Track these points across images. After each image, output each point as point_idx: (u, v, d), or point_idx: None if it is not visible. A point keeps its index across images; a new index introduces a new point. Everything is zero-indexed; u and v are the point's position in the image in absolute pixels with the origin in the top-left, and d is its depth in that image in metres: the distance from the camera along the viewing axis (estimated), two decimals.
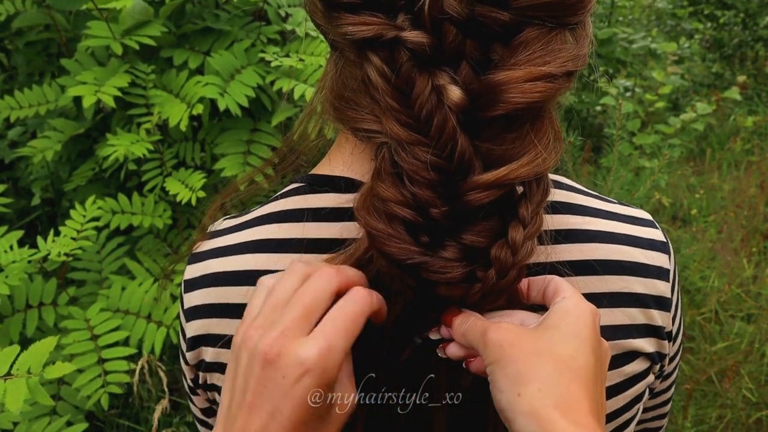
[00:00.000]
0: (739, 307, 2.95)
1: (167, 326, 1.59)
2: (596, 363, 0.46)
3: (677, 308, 0.63)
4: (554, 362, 0.44)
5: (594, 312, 0.48)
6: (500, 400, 0.45)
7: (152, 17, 1.73)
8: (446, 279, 0.47)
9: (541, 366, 0.44)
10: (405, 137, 0.46)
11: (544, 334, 0.46)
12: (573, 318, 0.47)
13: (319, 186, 0.59)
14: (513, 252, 0.47)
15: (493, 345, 0.46)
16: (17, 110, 1.86)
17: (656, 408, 0.72)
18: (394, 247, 0.47)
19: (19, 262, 1.46)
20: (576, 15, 0.47)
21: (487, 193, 0.46)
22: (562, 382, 0.43)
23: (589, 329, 0.47)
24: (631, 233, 0.60)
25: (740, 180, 4.24)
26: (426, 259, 0.47)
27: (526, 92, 0.45)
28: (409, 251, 0.46)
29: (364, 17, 0.46)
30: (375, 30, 0.45)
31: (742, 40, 6.32)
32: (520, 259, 0.47)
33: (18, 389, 0.95)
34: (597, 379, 0.46)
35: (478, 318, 0.49)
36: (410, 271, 0.47)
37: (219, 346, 0.59)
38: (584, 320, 0.47)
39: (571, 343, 0.45)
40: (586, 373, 0.44)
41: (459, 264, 0.47)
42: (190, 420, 2.06)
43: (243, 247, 0.59)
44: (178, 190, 1.68)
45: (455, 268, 0.47)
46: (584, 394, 0.43)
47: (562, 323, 0.47)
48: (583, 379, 0.44)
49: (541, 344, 0.45)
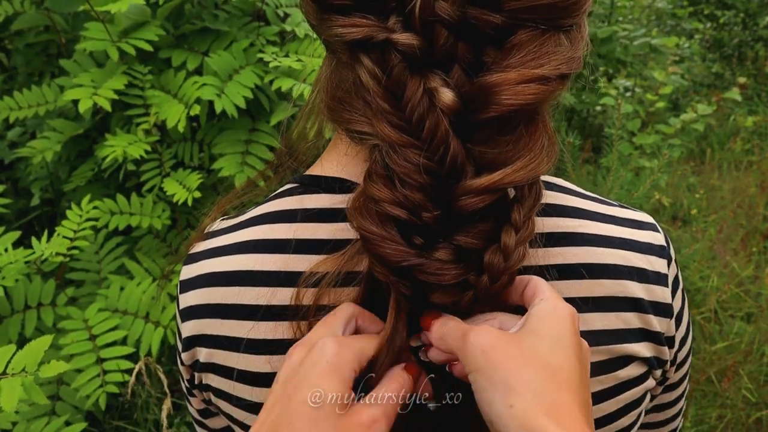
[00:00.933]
0: (739, 306, 2.94)
1: (164, 326, 1.59)
2: (580, 366, 0.45)
3: (681, 314, 0.62)
4: (541, 369, 0.43)
5: (572, 314, 0.47)
6: (489, 413, 0.43)
7: (149, 18, 1.73)
8: (442, 281, 0.46)
9: (528, 374, 0.43)
10: (396, 139, 0.46)
11: (525, 339, 0.45)
12: (553, 321, 0.46)
13: (312, 186, 0.58)
14: (505, 257, 0.47)
15: (474, 350, 0.45)
16: (17, 111, 1.86)
17: (665, 425, 0.71)
18: (388, 249, 0.46)
19: (15, 263, 1.46)
20: (570, 17, 0.47)
21: (480, 198, 0.46)
22: (551, 390, 0.42)
23: (569, 332, 0.46)
24: (628, 237, 0.59)
25: (740, 180, 4.24)
26: (422, 261, 0.46)
27: (518, 94, 0.45)
28: (404, 253, 0.46)
29: (355, 19, 0.46)
30: (365, 32, 0.45)
31: (742, 40, 6.32)
32: (512, 264, 0.47)
33: (13, 388, 0.95)
34: (582, 382, 0.45)
35: (457, 322, 0.48)
36: (405, 275, 0.47)
37: (213, 347, 0.59)
38: (564, 323, 0.46)
39: (554, 348, 0.44)
40: (572, 377, 0.44)
41: (454, 266, 0.47)
42: (190, 420, 2.06)
43: (237, 248, 0.59)
44: (176, 190, 1.68)
45: (451, 269, 0.46)
46: (573, 399, 0.43)
47: (543, 327, 0.46)
48: (570, 385, 0.43)
49: (525, 350, 0.44)
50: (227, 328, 0.57)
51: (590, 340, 0.55)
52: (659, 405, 0.68)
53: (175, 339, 1.59)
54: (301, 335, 0.54)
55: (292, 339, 0.55)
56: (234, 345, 0.57)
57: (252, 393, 0.57)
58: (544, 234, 0.56)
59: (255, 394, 0.57)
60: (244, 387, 0.57)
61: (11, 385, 0.95)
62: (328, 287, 0.53)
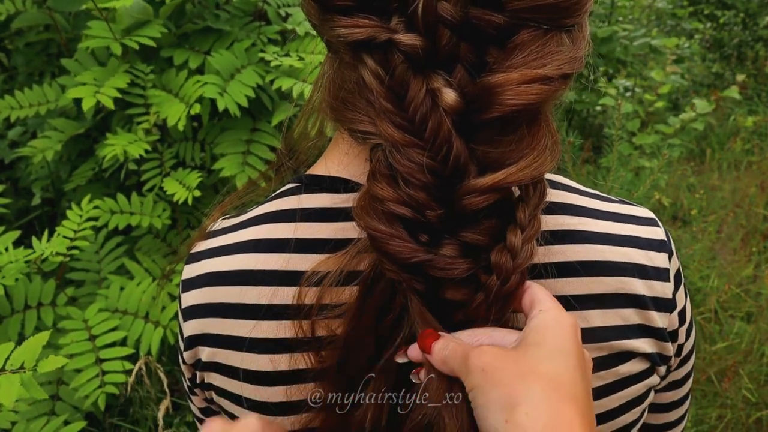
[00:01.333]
0: (739, 306, 2.94)
1: (164, 326, 1.59)
2: (582, 378, 0.44)
3: (684, 308, 0.62)
4: (541, 382, 0.42)
5: (574, 324, 0.46)
6: (486, 429, 0.43)
7: (152, 17, 1.73)
8: (452, 275, 0.46)
9: (527, 388, 0.42)
10: (399, 139, 0.46)
11: (526, 353, 0.44)
12: (555, 333, 0.45)
13: (313, 186, 0.58)
14: (513, 256, 0.47)
15: (476, 370, 0.44)
16: (17, 110, 1.86)
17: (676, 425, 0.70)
18: (397, 246, 0.46)
19: (15, 262, 1.46)
20: (572, 17, 0.47)
21: (484, 197, 0.46)
22: (551, 404, 0.41)
23: (572, 343, 0.45)
24: (628, 233, 0.59)
25: (740, 180, 4.24)
26: (430, 257, 0.46)
27: (521, 94, 0.45)
28: (413, 249, 0.46)
29: (357, 20, 0.46)
30: (367, 32, 0.45)
31: (742, 40, 6.32)
32: (521, 262, 0.47)
33: (11, 384, 0.96)
34: (585, 394, 0.44)
35: (458, 343, 0.47)
36: (416, 271, 0.47)
37: (215, 345, 0.59)
38: (566, 334, 0.45)
39: (556, 360, 0.44)
40: (575, 390, 0.43)
41: (463, 260, 0.47)
42: (190, 420, 2.06)
43: (239, 247, 0.59)
44: (176, 190, 1.68)
45: (460, 264, 0.46)
46: (576, 412, 0.42)
47: (544, 340, 0.45)
48: (573, 397, 0.42)
49: (525, 365, 0.43)
50: (229, 327, 0.57)
51: (590, 336, 0.56)
52: (668, 403, 0.68)
53: (176, 338, 1.59)
54: (303, 334, 0.54)
55: (293, 338, 0.55)
56: (236, 344, 0.57)
57: (254, 392, 0.57)
58: (545, 232, 0.56)
59: (258, 393, 0.57)
60: (246, 386, 0.58)
61: (10, 381, 0.95)
62: (330, 287, 0.53)
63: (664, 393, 0.67)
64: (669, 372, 0.63)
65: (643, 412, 0.61)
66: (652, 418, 0.69)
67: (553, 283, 0.55)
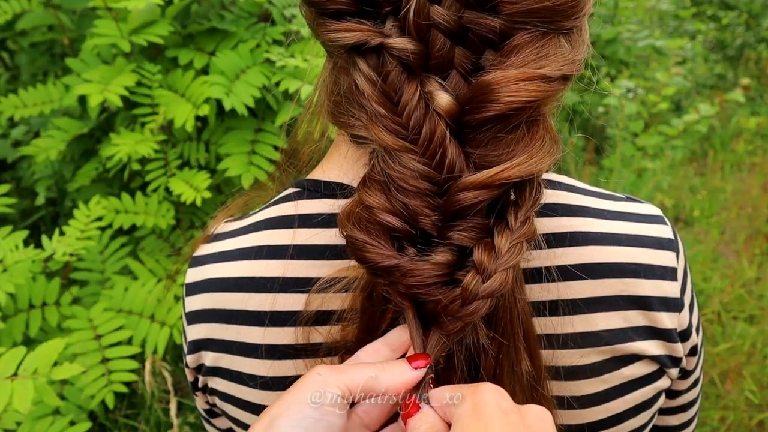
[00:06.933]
0: (742, 308, 2.94)
1: (170, 326, 1.59)
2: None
3: (692, 306, 0.61)
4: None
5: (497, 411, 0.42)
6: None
7: (158, 17, 1.73)
8: (419, 281, 0.45)
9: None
10: (392, 143, 0.45)
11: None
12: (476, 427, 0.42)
13: (312, 191, 0.58)
14: (496, 255, 0.45)
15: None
16: (21, 109, 1.86)
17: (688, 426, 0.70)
18: (371, 253, 0.46)
19: (23, 261, 1.46)
20: (569, 20, 0.46)
21: (476, 193, 0.45)
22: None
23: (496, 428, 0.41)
24: (635, 233, 0.58)
25: (743, 181, 4.24)
26: (397, 262, 0.45)
27: (520, 91, 0.43)
28: (383, 255, 0.45)
29: (349, 24, 0.45)
30: (359, 37, 0.45)
31: (745, 41, 6.31)
32: (502, 263, 0.45)
33: (25, 390, 0.96)
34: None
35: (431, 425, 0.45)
36: (389, 275, 0.46)
37: (219, 351, 0.59)
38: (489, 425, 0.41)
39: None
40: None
41: (430, 266, 0.45)
42: (192, 420, 2.06)
43: (240, 254, 0.59)
44: (183, 190, 1.68)
45: (427, 269, 0.45)
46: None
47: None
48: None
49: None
50: (233, 333, 0.58)
51: (593, 339, 0.55)
52: (683, 405, 0.68)
53: (181, 339, 1.59)
54: (305, 341, 0.54)
55: (295, 344, 0.56)
56: (239, 349, 0.58)
57: (259, 396, 0.58)
58: (548, 234, 0.55)
59: (261, 398, 0.57)
60: (251, 390, 0.58)
61: (23, 387, 0.95)
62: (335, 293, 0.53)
63: (685, 394, 0.66)
64: (686, 374, 0.62)
65: (652, 416, 0.61)
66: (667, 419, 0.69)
67: (557, 287, 0.55)
